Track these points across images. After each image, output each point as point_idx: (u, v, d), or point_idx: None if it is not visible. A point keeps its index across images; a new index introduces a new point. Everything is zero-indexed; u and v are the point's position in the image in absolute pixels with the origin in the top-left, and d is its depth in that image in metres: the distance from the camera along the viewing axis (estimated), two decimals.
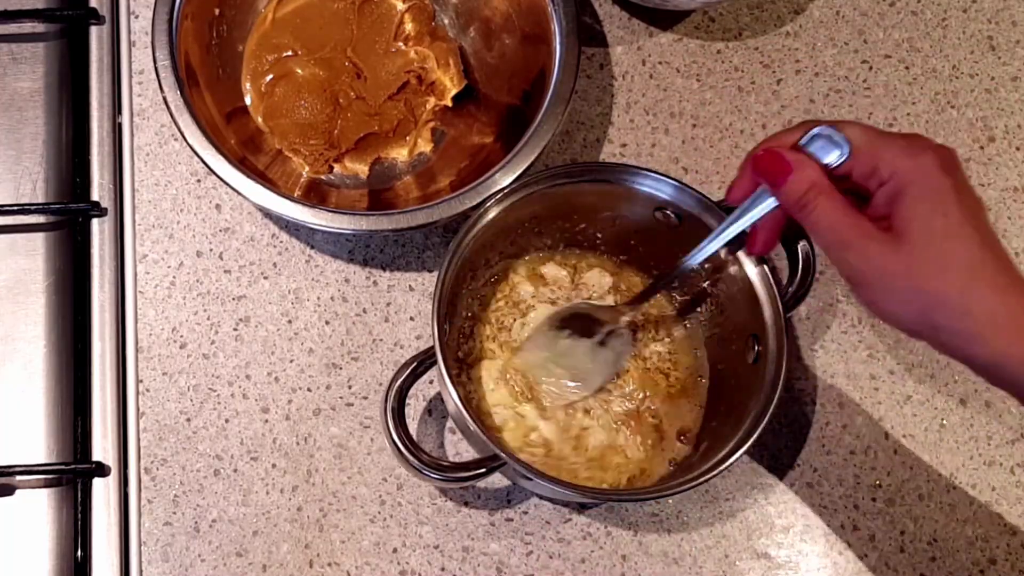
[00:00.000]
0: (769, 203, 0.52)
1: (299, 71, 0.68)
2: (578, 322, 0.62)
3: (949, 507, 0.65)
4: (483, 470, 0.55)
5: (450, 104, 0.69)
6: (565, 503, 0.64)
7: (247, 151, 0.65)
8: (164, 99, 0.60)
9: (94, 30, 0.70)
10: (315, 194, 0.67)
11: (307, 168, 0.68)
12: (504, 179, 0.59)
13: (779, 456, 0.66)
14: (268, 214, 0.68)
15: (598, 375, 0.62)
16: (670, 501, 0.64)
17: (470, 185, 0.60)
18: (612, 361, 0.62)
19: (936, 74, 0.73)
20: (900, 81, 0.73)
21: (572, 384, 0.62)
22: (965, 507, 0.65)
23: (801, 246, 0.58)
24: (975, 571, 0.65)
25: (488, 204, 0.58)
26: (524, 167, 0.60)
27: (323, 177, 0.68)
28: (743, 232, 0.55)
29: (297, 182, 0.67)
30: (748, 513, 0.65)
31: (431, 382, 0.65)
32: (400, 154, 0.69)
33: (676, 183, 0.59)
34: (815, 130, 0.50)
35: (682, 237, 0.60)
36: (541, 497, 0.64)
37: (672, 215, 0.60)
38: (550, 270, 0.66)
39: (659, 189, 0.59)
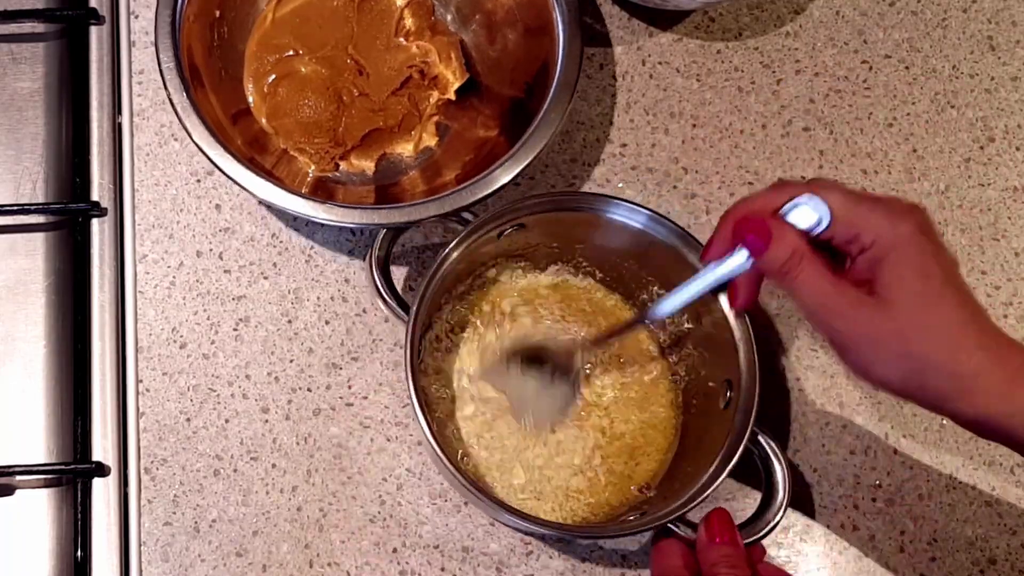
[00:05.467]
0: (743, 262, 0.52)
1: (301, 70, 0.68)
2: (533, 356, 0.62)
3: (949, 507, 0.65)
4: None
5: (453, 98, 0.69)
6: None
7: (253, 152, 0.65)
8: (170, 100, 0.60)
9: (94, 30, 0.70)
10: (322, 192, 0.67)
11: (313, 167, 0.68)
12: (509, 172, 0.60)
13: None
14: (278, 211, 0.67)
15: (543, 415, 0.61)
16: None
17: (475, 178, 0.60)
18: (558, 402, 0.61)
19: (936, 74, 0.73)
20: (900, 81, 0.73)
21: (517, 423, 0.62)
22: (965, 507, 0.65)
23: None
24: (975, 571, 0.65)
25: (452, 243, 0.58)
26: (529, 159, 0.60)
27: (329, 175, 0.68)
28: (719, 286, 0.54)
29: (304, 181, 0.67)
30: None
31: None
32: (406, 149, 0.69)
33: (649, 212, 0.59)
34: (797, 199, 0.49)
35: (663, 262, 0.60)
36: None
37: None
38: (530, 290, 0.65)
39: (632, 219, 0.59)
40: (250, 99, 0.68)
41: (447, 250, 0.58)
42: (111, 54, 0.70)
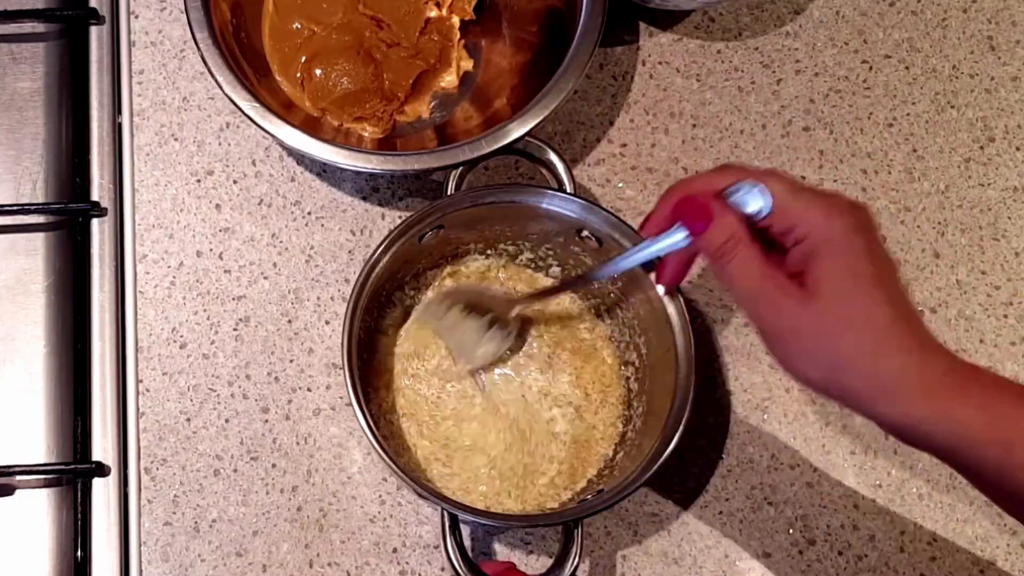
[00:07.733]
0: (679, 240, 0.51)
1: (324, 46, 0.68)
2: (471, 302, 0.63)
3: (949, 507, 0.65)
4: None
5: (473, 17, 0.69)
6: None
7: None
8: (229, 99, 0.60)
9: (94, 30, 0.70)
10: (386, 148, 0.67)
11: (370, 130, 0.68)
12: (560, 92, 0.60)
13: (779, 456, 0.66)
14: (351, 173, 0.65)
15: (477, 358, 0.63)
16: (670, 501, 0.64)
17: (492, 129, 0.60)
18: (493, 348, 0.63)
19: (936, 74, 0.73)
20: (900, 81, 0.73)
21: (447, 362, 0.64)
22: (965, 507, 0.65)
23: None
24: (975, 571, 0.65)
25: (387, 237, 0.58)
26: (579, 76, 0.61)
27: (388, 132, 0.69)
28: (655, 259, 0.55)
29: (365, 146, 0.68)
30: (748, 513, 0.65)
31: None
32: (450, 81, 0.70)
33: (584, 202, 0.59)
34: (740, 183, 0.49)
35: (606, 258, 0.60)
36: None
37: (592, 238, 0.60)
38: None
39: (569, 209, 0.59)
40: (287, 90, 0.68)
41: (374, 258, 0.58)
42: (111, 54, 0.70)
